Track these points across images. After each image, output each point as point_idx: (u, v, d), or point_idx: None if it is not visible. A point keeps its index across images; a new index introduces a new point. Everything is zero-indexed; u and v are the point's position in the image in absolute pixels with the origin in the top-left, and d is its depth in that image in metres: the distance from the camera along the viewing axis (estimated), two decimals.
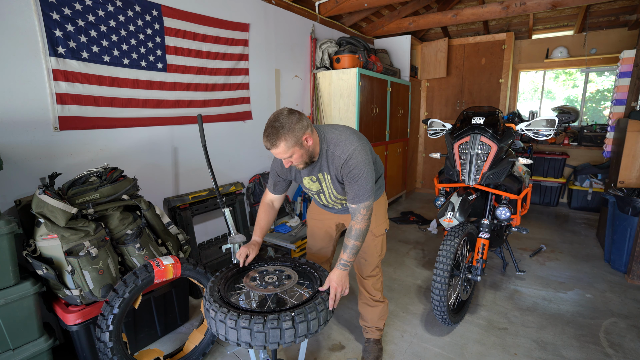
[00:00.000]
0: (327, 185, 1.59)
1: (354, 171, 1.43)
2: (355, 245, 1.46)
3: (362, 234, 1.47)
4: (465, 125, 2.09)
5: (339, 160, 1.46)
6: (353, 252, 1.46)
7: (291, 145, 1.35)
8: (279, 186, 1.70)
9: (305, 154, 1.42)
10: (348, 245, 1.46)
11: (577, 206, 4.51)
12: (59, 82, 1.85)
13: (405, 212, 4.52)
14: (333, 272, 1.43)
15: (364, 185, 1.44)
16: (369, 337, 1.90)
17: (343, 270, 1.44)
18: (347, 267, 1.45)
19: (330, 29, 4.00)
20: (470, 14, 3.91)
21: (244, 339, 1.14)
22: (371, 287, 1.82)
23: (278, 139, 1.33)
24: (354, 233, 1.46)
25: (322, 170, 1.54)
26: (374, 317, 1.85)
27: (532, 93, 5.26)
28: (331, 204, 1.71)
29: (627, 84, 3.16)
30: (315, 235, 1.89)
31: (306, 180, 1.61)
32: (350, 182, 1.45)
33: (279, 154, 1.38)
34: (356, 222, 1.47)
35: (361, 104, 3.53)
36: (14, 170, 1.74)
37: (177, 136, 2.49)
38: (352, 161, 1.43)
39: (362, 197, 1.44)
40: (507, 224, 2.46)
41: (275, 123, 1.34)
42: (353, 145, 1.46)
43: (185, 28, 2.43)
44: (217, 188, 2.15)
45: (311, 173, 1.57)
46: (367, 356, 1.84)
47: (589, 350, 1.91)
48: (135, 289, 1.52)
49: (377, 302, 1.84)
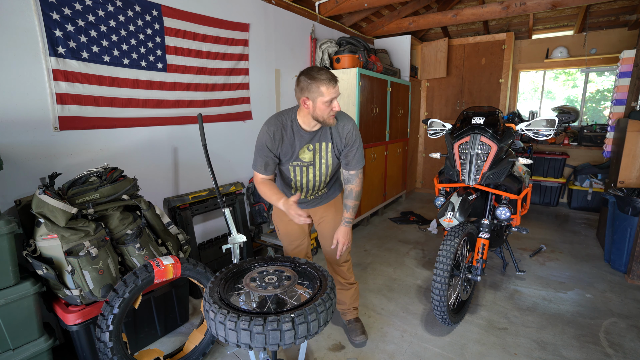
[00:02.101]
0: (324, 155, 1.71)
1: (357, 140, 1.69)
2: (356, 205, 1.74)
3: (359, 195, 1.76)
4: (465, 125, 2.09)
5: (344, 129, 1.67)
6: (354, 211, 1.74)
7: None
8: (271, 165, 1.67)
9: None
10: (350, 205, 1.73)
11: (577, 206, 4.51)
12: (59, 82, 1.85)
13: (405, 212, 4.52)
14: (339, 229, 1.74)
15: (361, 152, 1.72)
16: (350, 318, 2.07)
17: (347, 227, 1.73)
18: (350, 224, 1.74)
19: (330, 29, 4.00)
20: (470, 14, 3.91)
21: (243, 340, 1.14)
22: (346, 272, 2.00)
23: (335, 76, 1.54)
24: (354, 194, 1.74)
25: (323, 140, 1.68)
26: (351, 298, 2.04)
27: (532, 93, 5.26)
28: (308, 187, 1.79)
29: (627, 84, 3.16)
30: (291, 234, 1.92)
31: (304, 149, 1.68)
32: (352, 149, 1.69)
33: (338, 89, 1.54)
34: (355, 185, 1.74)
35: (361, 104, 3.53)
36: (14, 170, 1.74)
37: (177, 136, 2.49)
38: (355, 131, 1.69)
39: (360, 163, 1.72)
40: (507, 224, 2.46)
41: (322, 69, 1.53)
42: (351, 120, 1.71)
43: (185, 28, 2.42)
44: (217, 188, 2.15)
45: (311, 141, 1.68)
46: (355, 334, 1.98)
47: (589, 350, 1.91)
48: (135, 289, 1.52)
49: (351, 284, 2.04)
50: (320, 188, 1.82)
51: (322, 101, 1.50)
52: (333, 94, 1.50)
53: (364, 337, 1.97)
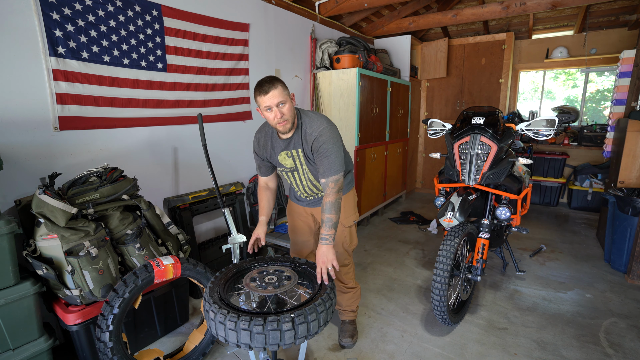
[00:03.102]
0: (302, 161, 1.68)
1: (323, 146, 1.56)
2: (330, 218, 1.54)
3: (334, 207, 1.55)
4: (465, 125, 2.09)
5: (310, 137, 1.59)
6: (329, 225, 1.54)
7: (285, 92, 1.49)
8: (263, 168, 1.82)
9: (292, 109, 1.54)
10: (324, 220, 1.55)
11: (577, 206, 4.51)
12: (59, 82, 1.85)
13: (405, 212, 4.52)
14: (318, 248, 1.52)
15: (332, 160, 1.56)
16: (344, 319, 2.05)
17: (323, 244, 1.51)
18: (327, 241, 1.52)
19: (330, 29, 4.00)
20: (470, 14, 3.91)
21: (243, 340, 1.14)
22: (344, 276, 1.95)
23: (276, 81, 1.47)
24: (326, 207, 1.56)
25: (296, 147, 1.65)
26: (348, 301, 2.01)
27: (532, 93, 5.26)
28: (301, 191, 1.82)
29: (627, 84, 3.15)
30: (297, 229, 1.97)
31: (282, 156, 1.69)
32: (320, 157, 1.57)
33: (276, 95, 1.46)
34: (326, 195, 1.58)
35: (361, 104, 3.52)
36: (14, 170, 1.74)
37: (177, 136, 2.49)
38: (322, 137, 1.56)
39: (331, 171, 1.56)
40: (507, 224, 2.46)
41: (265, 77, 1.50)
42: (323, 124, 1.59)
43: (185, 28, 2.42)
44: (217, 188, 2.15)
45: (287, 148, 1.67)
46: (343, 335, 1.98)
47: (589, 350, 1.91)
48: (135, 289, 1.52)
49: (350, 288, 1.99)
50: (317, 191, 1.82)
51: (263, 110, 1.51)
52: (267, 102, 1.46)
53: (351, 340, 1.95)
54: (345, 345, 1.95)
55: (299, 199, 1.90)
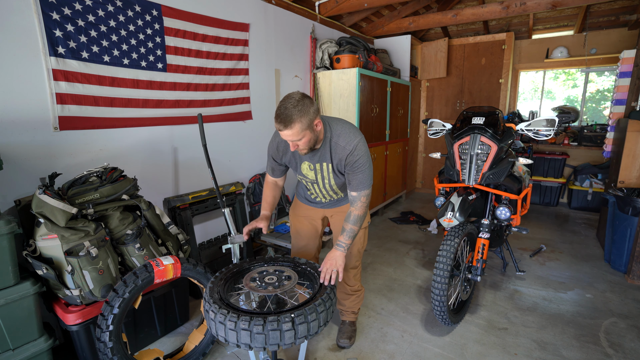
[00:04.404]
0: (325, 175, 1.63)
1: (359, 161, 1.52)
2: (353, 230, 1.56)
3: (360, 220, 1.58)
4: (465, 125, 2.09)
5: (344, 150, 1.53)
6: (350, 235, 1.57)
7: (304, 128, 1.38)
8: (277, 171, 1.78)
9: (313, 138, 1.46)
10: (346, 229, 1.57)
11: (577, 206, 4.51)
12: (59, 82, 1.85)
13: (405, 212, 4.52)
14: (330, 252, 1.53)
15: (366, 175, 1.54)
16: (345, 320, 2.04)
17: (338, 250, 1.53)
18: (343, 248, 1.54)
19: (330, 29, 4.00)
20: (470, 14, 3.91)
21: (243, 340, 1.14)
22: (352, 279, 1.93)
23: (293, 121, 1.34)
24: (352, 218, 1.57)
25: (322, 160, 1.59)
26: (351, 303, 1.99)
27: (532, 93, 5.26)
28: (320, 197, 1.78)
29: (627, 84, 3.15)
30: (301, 232, 1.94)
31: (305, 166, 1.65)
32: (354, 172, 1.54)
33: (291, 135, 1.38)
34: (355, 208, 1.57)
35: (361, 104, 3.52)
36: (14, 170, 1.74)
37: (177, 136, 2.49)
38: (357, 152, 1.52)
39: (364, 186, 1.55)
40: (507, 224, 2.46)
41: (288, 104, 1.35)
42: (357, 137, 1.54)
43: (185, 28, 2.42)
44: (217, 188, 2.15)
45: (311, 160, 1.61)
46: (342, 335, 1.97)
47: (589, 350, 1.91)
48: (135, 289, 1.52)
49: (356, 291, 1.98)
50: (335, 196, 1.78)
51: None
52: (289, 137, 1.40)
53: (349, 342, 1.94)
54: (343, 346, 1.95)
55: (312, 201, 1.85)
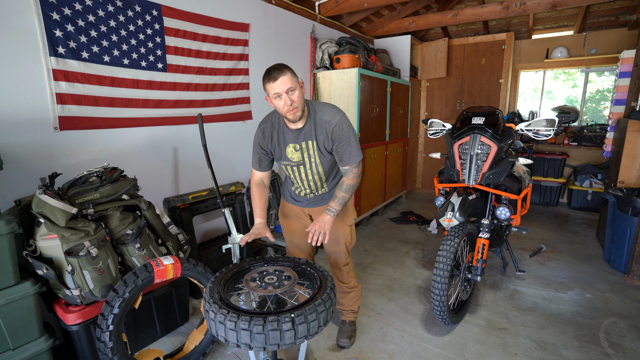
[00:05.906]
0: (311, 154, 1.66)
1: (345, 134, 1.58)
2: (344, 197, 1.63)
3: (352, 188, 1.65)
4: (465, 125, 2.09)
5: (329, 124, 1.59)
6: (341, 202, 1.63)
7: (295, 78, 1.48)
8: (264, 162, 1.77)
9: (302, 98, 1.52)
10: (337, 196, 1.63)
11: (577, 206, 4.51)
12: (59, 82, 1.85)
13: (405, 212, 4.52)
14: (320, 215, 1.61)
15: (354, 146, 1.61)
16: (345, 319, 2.06)
17: (328, 215, 1.61)
18: (332, 213, 1.61)
19: (330, 29, 4.00)
20: (470, 14, 3.91)
21: (243, 340, 1.14)
22: (345, 276, 1.95)
23: (285, 68, 1.45)
24: (344, 187, 1.64)
25: (307, 139, 1.63)
26: (350, 301, 2.01)
27: (532, 93, 5.26)
28: (305, 187, 1.78)
29: (627, 84, 3.16)
30: (294, 232, 1.94)
31: (290, 149, 1.67)
32: (342, 144, 1.59)
33: (285, 81, 1.44)
34: (348, 178, 1.64)
35: (361, 104, 3.52)
36: (14, 170, 1.74)
37: (177, 136, 2.49)
38: (343, 125, 1.58)
39: (354, 158, 1.62)
40: (507, 224, 2.46)
41: (274, 64, 1.48)
42: (340, 112, 1.62)
43: (185, 28, 2.42)
44: (217, 188, 2.15)
45: (296, 140, 1.64)
46: (342, 335, 1.98)
47: (589, 350, 1.91)
48: (135, 289, 1.52)
49: (352, 288, 2.00)
50: (320, 187, 1.79)
51: (272, 97, 1.49)
52: (276, 89, 1.45)
53: (348, 341, 1.95)
54: (343, 346, 1.95)
55: (297, 198, 1.87)
